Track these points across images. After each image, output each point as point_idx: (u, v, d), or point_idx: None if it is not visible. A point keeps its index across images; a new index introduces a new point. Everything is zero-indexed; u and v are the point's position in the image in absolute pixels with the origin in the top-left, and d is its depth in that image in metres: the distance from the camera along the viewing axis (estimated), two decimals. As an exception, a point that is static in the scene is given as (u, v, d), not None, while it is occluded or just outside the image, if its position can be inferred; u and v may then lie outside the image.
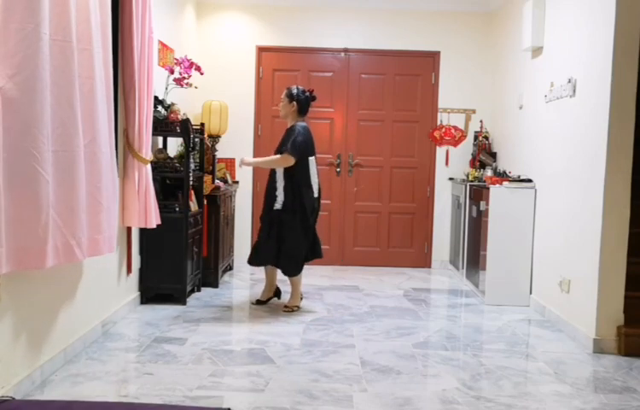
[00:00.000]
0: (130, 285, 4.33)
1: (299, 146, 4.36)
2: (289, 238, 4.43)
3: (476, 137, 6.27)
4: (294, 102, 4.48)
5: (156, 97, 4.50)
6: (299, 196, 4.40)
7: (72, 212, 2.93)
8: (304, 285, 4.92)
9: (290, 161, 4.35)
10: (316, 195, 4.51)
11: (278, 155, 4.43)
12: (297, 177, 4.40)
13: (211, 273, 5.20)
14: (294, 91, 4.50)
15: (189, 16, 6.02)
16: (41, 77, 2.60)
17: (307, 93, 4.53)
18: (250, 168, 6.40)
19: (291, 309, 4.52)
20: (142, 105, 3.94)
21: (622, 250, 3.80)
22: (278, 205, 4.41)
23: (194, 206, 4.83)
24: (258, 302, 4.71)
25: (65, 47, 2.83)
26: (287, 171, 4.39)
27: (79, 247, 2.99)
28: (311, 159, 4.49)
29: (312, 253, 4.61)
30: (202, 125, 5.14)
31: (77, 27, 2.96)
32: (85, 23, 3.05)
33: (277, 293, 4.80)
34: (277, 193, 4.42)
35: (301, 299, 4.68)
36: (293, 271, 4.54)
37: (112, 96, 3.43)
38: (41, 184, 2.64)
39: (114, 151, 3.47)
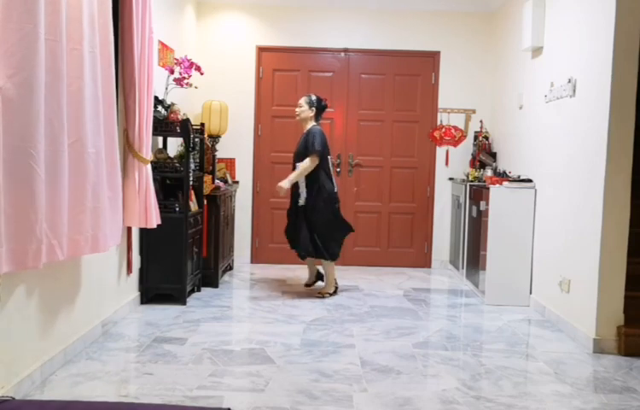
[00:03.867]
0: (130, 285, 4.33)
1: (320, 146, 4.87)
2: (319, 226, 4.90)
3: (476, 137, 6.27)
4: (314, 108, 5.04)
5: (156, 97, 4.50)
6: (323, 188, 4.89)
7: (55, 212, 2.88)
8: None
9: (316, 160, 4.87)
10: (336, 189, 5.02)
11: (306, 162, 4.85)
12: (318, 173, 4.88)
13: (211, 273, 5.20)
14: (314, 99, 5.07)
15: (189, 16, 6.02)
16: (39, 77, 2.60)
17: (323, 102, 5.14)
18: (250, 169, 6.41)
19: (322, 295, 4.98)
20: (142, 105, 3.94)
21: (622, 250, 3.80)
22: (302, 201, 4.90)
23: (194, 206, 4.83)
24: (307, 285, 5.30)
25: (56, 47, 2.82)
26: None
27: (60, 247, 2.92)
28: (329, 157, 5.05)
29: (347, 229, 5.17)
30: (202, 125, 5.14)
31: (69, 26, 2.94)
32: (77, 22, 3.04)
33: (320, 276, 5.28)
34: (300, 191, 4.91)
35: (336, 289, 5.11)
36: (326, 255, 4.95)
37: (112, 97, 3.40)
38: (38, 184, 2.64)
39: (115, 152, 3.46)
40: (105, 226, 3.36)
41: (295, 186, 4.94)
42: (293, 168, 4.96)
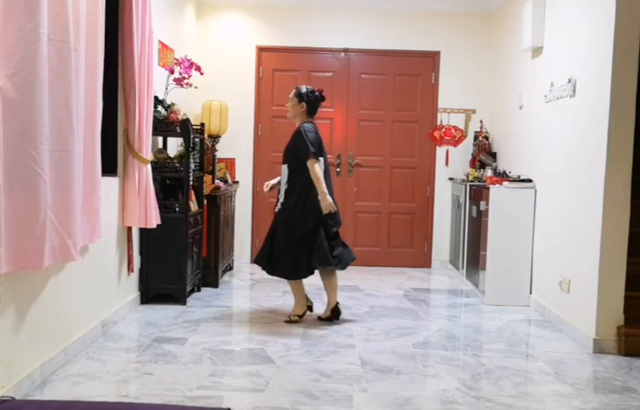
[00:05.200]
0: (130, 285, 4.33)
1: (315, 145, 4.10)
2: (277, 238, 4.19)
3: (476, 137, 6.28)
4: (304, 103, 4.24)
5: (156, 97, 4.50)
6: (303, 198, 4.12)
7: (68, 211, 2.92)
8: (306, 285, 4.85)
9: (317, 162, 4.08)
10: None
11: (313, 169, 4.07)
12: (302, 179, 4.13)
13: (211, 273, 5.20)
14: (304, 91, 4.26)
15: (189, 16, 6.02)
16: (39, 77, 2.60)
17: (317, 93, 4.29)
18: (250, 169, 6.41)
19: (290, 320, 4.25)
20: (142, 105, 3.94)
21: (622, 250, 3.80)
22: (278, 206, 4.26)
23: (194, 206, 4.83)
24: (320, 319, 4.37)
25: (62, 47, 2.82)
26: (292, 174, 4.16)
27: (75, 247, 2.98)
28: (320, 159, 4.17)
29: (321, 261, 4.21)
30: (202, 125, 5.14)
31: (74, 27, 2.95)
32: (80, 23, 3.04)
33: (337, 313, 4.35)
34: (280, 195, 4.26)
35: (309, 308, 4.39)
36: (280, 272, 4.27)
37: (99, 95, 3.36)
38: (39, 185, 2.64)
39: (96, 151, 3.38)
40: (78, 226, 3.28)
41: (280, 189, 4.29)
42: (284, 162, 4.26)
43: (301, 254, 4.18)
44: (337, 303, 4.35)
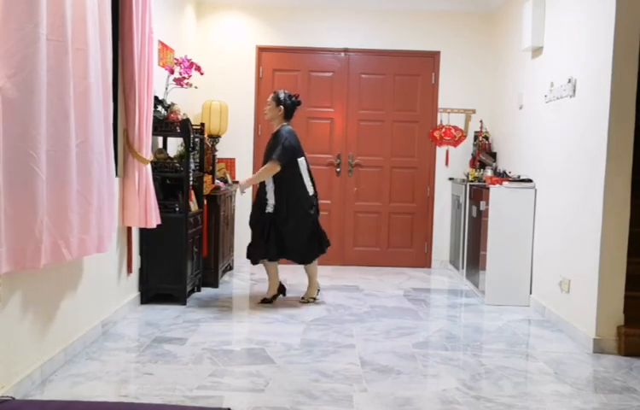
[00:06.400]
0: (130, 285, 4.33)
1: (284, 152, 4.50)
2: (290, 235, 4.58)
3: (476, 137, 6.27)
4: (281, 107, 4.63)
5: (156, 97, 4.50)
6: (294, 197, 4.56)
7: (60, 212, 2.91)
8: (303, 284, 4.93)
9: (276, 168, 4.50)
10: (311, 192, 4.64)
11: (265, 166, 4.56)
12: (288, 179, 4.55)
13: (211, 273, 5.20)
14: (282, 96, 4.65)
15: (189, 16, 6.02)
16: (39, 77, 2.60)
17: (294, 98, 4.69)
18: (250, 169, 6.40)
19: (307, 301, 4.72)
20: (142, 105, 3.94)
21: (622, 250, 3.80)
22: (270, 208, 4.57)
23: (194, 206, 4.82)
24: (265, 301, 4.75)
25: (59, 47, 2.82)
26: (276, 175, 4.54)
27: (67, 247, 2.96)
28: (301, 159, 4.61)
29: (319, 248, 4.75)
30: (202, 125, 5.14)
31: (72, 26, 2.95)
32: (81, 23, 3.04)
33: (282, 290, 4.86)
34: (268, 197, 4.58)
35: (318, 291, 4.86)
36: (308, 258, 4.69)
37: (110, 97, 3.41)
38: (38, 185, 2.64)
39: (111, 152, 3.46)
40: (106, 226, 3.38)
41: (263, 192, 4.61)
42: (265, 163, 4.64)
43: (314, 232, 4.68)
44: (280, 281, 4.86)
